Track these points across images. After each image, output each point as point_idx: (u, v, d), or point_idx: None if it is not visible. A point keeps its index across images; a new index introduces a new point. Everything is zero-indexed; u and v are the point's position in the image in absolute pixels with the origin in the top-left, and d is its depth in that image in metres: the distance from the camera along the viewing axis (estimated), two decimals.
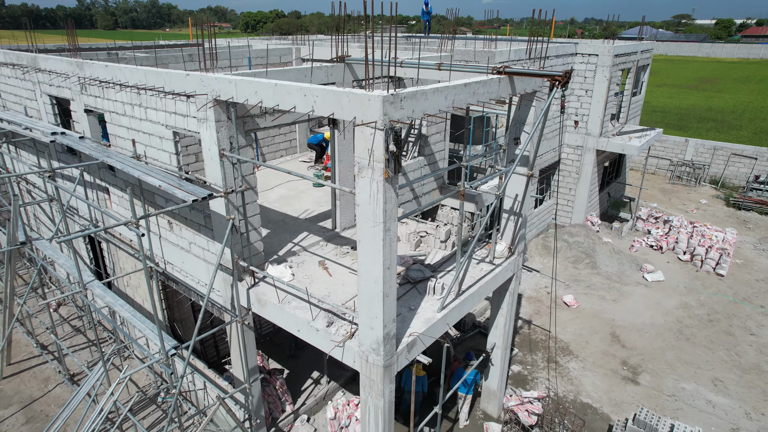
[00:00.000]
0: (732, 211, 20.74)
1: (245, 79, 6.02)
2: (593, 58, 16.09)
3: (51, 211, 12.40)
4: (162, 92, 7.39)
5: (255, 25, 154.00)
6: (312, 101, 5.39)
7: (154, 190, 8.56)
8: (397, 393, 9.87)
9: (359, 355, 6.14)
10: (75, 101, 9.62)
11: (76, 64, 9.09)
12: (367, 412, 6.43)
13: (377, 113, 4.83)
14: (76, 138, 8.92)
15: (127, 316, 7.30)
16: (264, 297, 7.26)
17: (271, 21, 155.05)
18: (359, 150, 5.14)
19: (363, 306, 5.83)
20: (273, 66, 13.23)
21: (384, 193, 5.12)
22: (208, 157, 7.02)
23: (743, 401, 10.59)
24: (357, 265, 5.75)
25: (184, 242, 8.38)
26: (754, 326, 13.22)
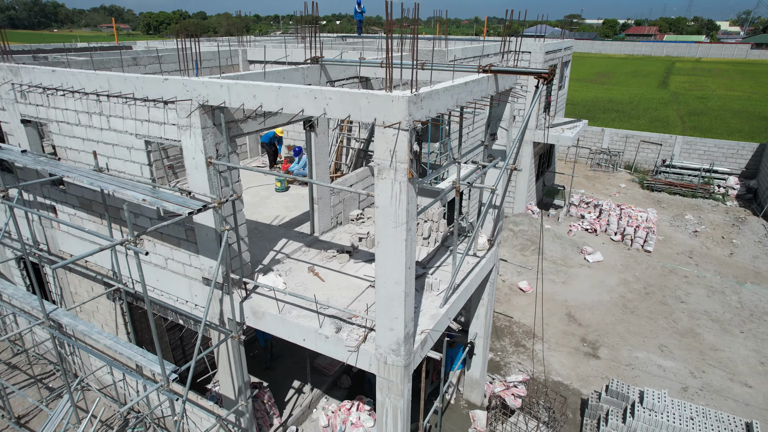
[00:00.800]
0: (647, 193, 22.91)
1: (241, 83, 5.75)
2: (526, 55, 17.04)
3: None
4: (131, 99, 6.84)
5: (158, 27, 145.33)
6: (324, 104, 5.26)
7: (118, 205, 7.89)
8: None
9: (376, 357, 6.10)
10: (7, 111, 8.61)
11: (9, 70, 8.13)
12: (384, 414, 6.40)
13: (402, 114, 4.83)
14: (17, 152, 7.98)
15: (109, 343, 6.68)
16: (260, 309, 6.97)
17: (175, 22, 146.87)
18: (379, 151, 5.11)
19: (382, 307, 5.80)
20: (219, 68, 12.64)
21: (407, 193, 5.13)
22: (191, 165, 6.60)
23: (686, 362, 11.80)
24: (375, 268, 5.70)
25: (159, 259, 7.82)
26: (682, 295, 14.74)
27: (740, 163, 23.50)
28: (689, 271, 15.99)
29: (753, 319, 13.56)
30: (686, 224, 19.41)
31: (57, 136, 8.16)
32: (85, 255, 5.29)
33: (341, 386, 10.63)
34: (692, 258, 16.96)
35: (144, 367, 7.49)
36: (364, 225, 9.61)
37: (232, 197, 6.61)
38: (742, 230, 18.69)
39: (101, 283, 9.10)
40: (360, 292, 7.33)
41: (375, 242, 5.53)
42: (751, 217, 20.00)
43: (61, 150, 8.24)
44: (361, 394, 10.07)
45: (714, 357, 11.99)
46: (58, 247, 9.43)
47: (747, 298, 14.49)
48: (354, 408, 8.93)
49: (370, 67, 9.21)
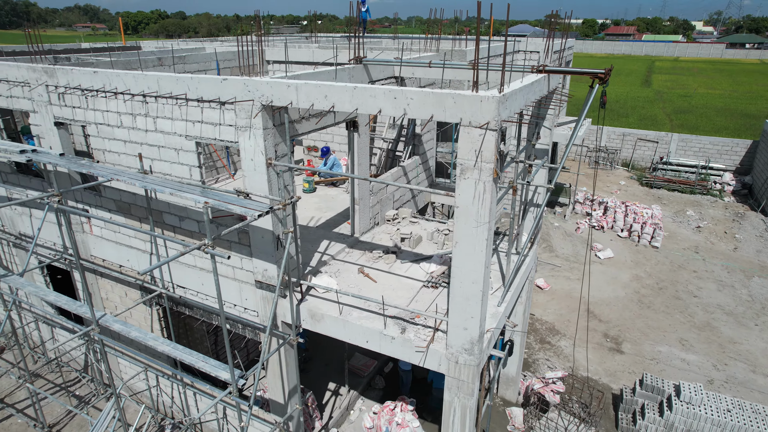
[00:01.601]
0: (647, 190, 23.35)
1: (311, 83, 5.67)
2: (534, 54, 17.19)
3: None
4: (183, 99, 6.70)
5: (136, 27, 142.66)
6: (404, 104, 5.23)
7: (161, 209, 7.73)
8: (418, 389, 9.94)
9: (447, 357, 6.09)
10: (38, 113, 8.36)
11: (43, 71, 7.89)
12: (451, 414, 6.39)
13: (491, 114, 4.83)
14: (54, 155, 7.74)
15: (168, 350, 6.53)
16: (319, 311, 6.89)
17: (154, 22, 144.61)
18: (463, 151, 5.10)
19: (456, 307, 5.79)
20: (238, 69, 12.46)
21: (491, 193, 5.14)
22: (250, 167, 6.50)
23: (708, 356, 12.06)
24: (452, 267, 5.68)
25: (206, 262, 7.67)
26: (694, 289, 15.06)
27: (734, 160, 24.11)
28: (698, 266, 16.34)
29: (765, 312, 13.92)
30: (688, 220, 19.83)
31: (95, 139, 7.95)
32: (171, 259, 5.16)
33: (375, 387, 10.59)
34: (698, 253, 17.33)
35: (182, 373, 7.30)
36: (400, 225, 9.58)
37: (293, 199, 6.52)
38: (742, 225, 19.18)
39: (137, 288, 8.89)
40: (415, 292, 7.31)
41: (453, 242, 5.52)
42: (750, 212, 20.54)
43: (99, 152, 8.03)
44: (396, 394, 10.05)
45: (734, 350, 12.27)
46: (89, 252, 9.19)
47: (756, 292, 14.87)
48: (398, 408, 8.90)
49: (408, 67, 9.19)
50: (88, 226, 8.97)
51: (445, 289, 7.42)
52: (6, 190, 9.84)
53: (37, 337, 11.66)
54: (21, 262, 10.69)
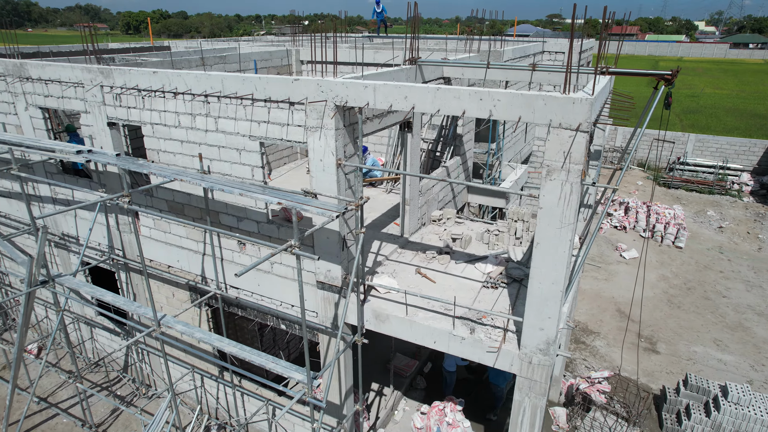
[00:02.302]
0: (664, 190, 23.38)
1: (391, 84, 5.68)
2: (560, 55, 17.20)
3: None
4: (249, 100, 6.70)
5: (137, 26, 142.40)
6: (490, 105, 5.24)
7: (218, 209, 7.73)
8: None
9: (520, 358, 6.10)
10: (91, 114, 8.35)
11: (99, 72, 7.88)
12: (521, 414, 6.40)
13: (583, 116, 4.84)
14: (111, 155, 7.73)
15: (235, 351, 6.53)
16: (384, 312, 6.89)
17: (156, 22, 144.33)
18: (551, 153, 5.11)
19: (533, 308, 5.80)
20: (275, 69, 12.47)
21: (578, 194, 5.14)
22: (318, 168, 6.50)
23: (744, 356, 12.08)
24: (531, 268, 5.69)
25: (264, 264, 7.66)
26: (722, 289, 15.08)
27: (752, 160, 24.16)
28: (724, 267, 16.37)
29: None
30: (709, 220, 19.86)
31: (150, 139, 7.94)
32: (261, 261, 5.16)
33: (417, 387, 10.60)
34: (723, 253, 17.36)
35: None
36: (445, 225, 9.58)
37: (363, 200, 6.52)
38: (764, 225, 19.22)
39: (186, 288, 8.89)
40: (475, 292, 7.32)
41: (534, 243, 5.53)
42: None
43: (153, 153, 8.02)
44: (436, 395, 10.08)
45: None
46: (136, 252, 9.17)
47: None
48: (447, 409, 8.90)
49: (455, 68, 9.19)
50: (138, 225, 8.95)
51: (504, 289, 7.43)
52: (51, 189, 9.82)
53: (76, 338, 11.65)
54: (62, 262, 10.68)
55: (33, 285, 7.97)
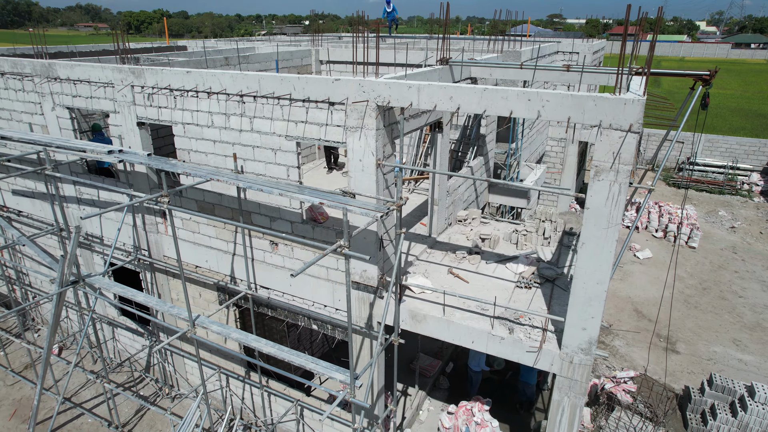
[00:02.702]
0: (674, 190, 23.41)
1: (435, 84, 5.68)
2: (574, 55, 17.22)
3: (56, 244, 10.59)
4: (287, 99, 6.70)
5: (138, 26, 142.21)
6: (538, 106, 5.25)
7: (252, 209, 7.73)
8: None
9: (561, 357, 6.11)
10: (120, 114, 8.35)
11: (130, 72, 7.88)
12: (559, 413, 6.41)
13: (634, 116, 4.85)
14: (143, 155, 7.73)
15: (273, 351, 6.53)
16: (421, 312, 6.90)
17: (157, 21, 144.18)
18: (600, 153, 5.12)
19: (576, 307, 5.81)
20: (295, 68, 12.47)
21: (625, 194, 5.15)
22: (357, 168, 6.51)
23: (764, 356, 12.09)
24: (576, 267, 5.70)
25: (296, 263, 7.67)
26: (738, 290, 15.10)
27: (762, 160, 24.19)
28: (739, 267, 16.39)
29: None
30: (721, 220, 19.89)
31: (180, 139, 7.94)
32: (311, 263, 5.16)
33: (441, 387, 10.61)
34: (737, 254, 17.38)
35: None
36: (471, 225, 9.59)
37: (403, 201, 6.52)
38: None
39: (214, 288, 8.89)
40: (509, 292, 7.33)
41: (579, 242, 5.53)
42: None
43: (183, 152, 8.02)
44: (461, 394, 10.09)
45: None
46: (162, 252, 9.18)
47: None
48: (475, 408, 8.91)
49: (484, 68, 9.20)
50: (163, 227, 8.96)
51: (538, 289, 7.44)
52: (75, 189, 9.82)
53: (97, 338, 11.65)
54: (84, 262, 10.67)
55: (64, 285, 7.97)
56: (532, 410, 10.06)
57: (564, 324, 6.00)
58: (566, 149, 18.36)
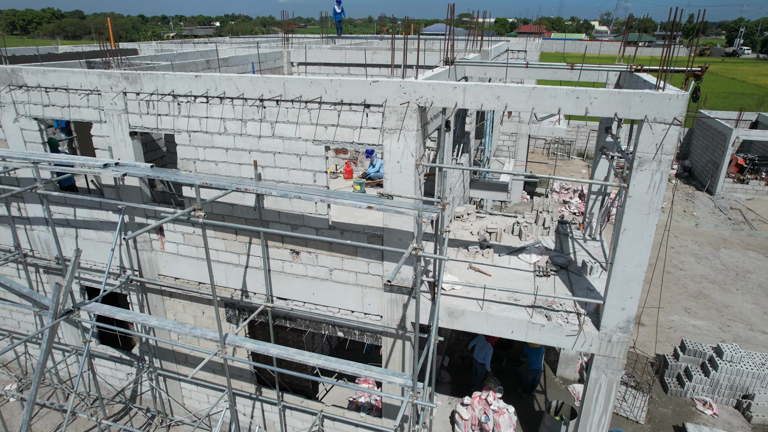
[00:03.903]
0: None
1: (482, 85, 5.83)
2: (521, 53, 18.18)
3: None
4: (316, 103, 6.53)
5: (25, 27, 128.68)
6: (586, 103, 5.56)
7: (271, 218, 7.43)
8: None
9: (599, 338, 6.51)
10: (108, 123, 7.67)
11: (123, 77, 7.27)
12: (596, 390, 6.83)
13: (678, 110, 5.30)
14: (145, 167, 7.16)
15: (321, 363, 6.33)
16: (458, 308, 7.02)
17: (47, 21, 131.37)
18: (644, 145, 5.53)
19: (616, 289, 6.22)
20: (269, 70, 12.06)
21: (666, 182, 5.62)
22: (394, 169, 6.50)
23: (711, 320, 13.58)
24: (616, 252, 6.09)
25: (321, 271, 7.49)
26: (678, 263, 16.78)
27: None
28: (673, 243, 18.21)
29: (740, 278, 15.88)
30: None
31: (185, 148, 7.45)
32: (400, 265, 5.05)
33: (443, 381, 10.82)
34: (668, 231, 19.27)
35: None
36: (469, 220, 9.87)
37: (448, 199, 6.60)
38: (695, 204, 21.58)
39: (220, 305, 8.42)
40: (531, 282, 7.67)
41: (621, 229, 5.94)
42: (697, 192, 23.13)
43: (188, 162, 7.53)
44: (463, 387, 10.41)
45: (729, 313, 13.91)
46: (157, 271, 8.54)
47: (727, 261, 16.90)
48: (489, 397, 9.21)
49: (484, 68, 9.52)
50: (158, 244, 8.34)
51: (555, 276, 7.85)
52: (44, 210, 8.83)
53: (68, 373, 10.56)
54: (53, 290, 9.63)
55: (58, 316, 7.17)
56: (533, 393, 10.57)
57: (593, 306, 6.41)
58: (517, 143, 19.32)
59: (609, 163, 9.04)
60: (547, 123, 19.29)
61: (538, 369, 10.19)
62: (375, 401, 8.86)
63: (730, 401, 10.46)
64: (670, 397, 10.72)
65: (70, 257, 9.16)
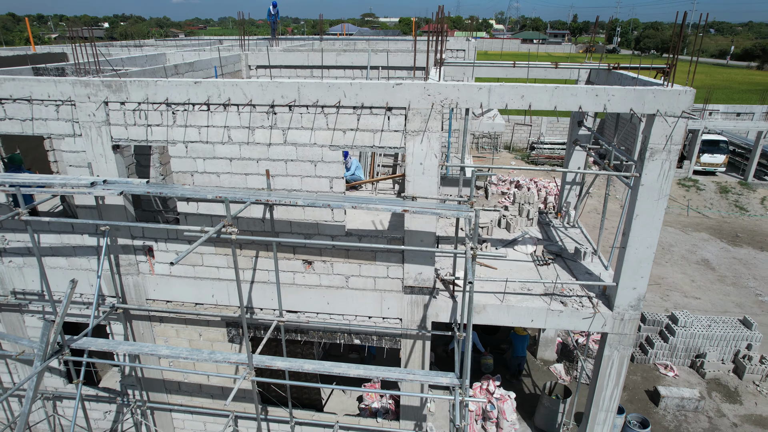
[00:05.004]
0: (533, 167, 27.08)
1: (507, 85, 6.02)
2: (461, 52, 18.82)
3: None
4: (334, 107, 6.36)
5: None
6: (605, 100, 5.94)
7: (282, 228, 7.11)
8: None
9: (613, 317, 7.01)
10: (85, 137, 6.90)
11: (104, 86, 6.58)
12: (609, 367, 7.34)
13: (686, 104, 5.85)
14: (140, 183, 6.54)
15: (361, 373, 6.19)
16: (479, 303, 7.20)
17: None
18: (655, 137, 6.03)
19: (628, 271, 6.74)
20: (230, 74, 11.42)
21: (673, 170, 6.18)
22: (417, 171, 6.52)
23: (653, 291, 15.05)
24: (630, 238, 6.57)
25: (336, 279, 7.31)
26: None
27: None
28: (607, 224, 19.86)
29: (666, 252, 17.74)
30: None
31: (181, 160, 6.91)
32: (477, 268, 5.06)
33: None
34: (599, 213, 21.00)
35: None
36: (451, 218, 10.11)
37: (475, 197, 6.71)
38: (616, 188, 23.70)
39: (220, 325, 7.92)
40: (535, 271, 8.05)
41: (633, 215, 6.44)
42: None
43: (184, 176, 7.00)
44: None
45: (666, 284, 15.51)
46: (145, 296, 7.84)
47: None
48: (490, 386, 9.53)
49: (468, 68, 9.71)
50: (147, 266, 7.65)
51: (554, 263, 8.30)
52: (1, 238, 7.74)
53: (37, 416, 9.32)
54: (6, 328, 8.47)
55: (47, 358, 6.32)
56: (520, 377, 11.08)
57: (599, 288, 6.90)
58: (464, 139, 19.98)
59: (586, 154, 9.69)
60: (486, 119, 20.17)
61: (522, 356, 10.71)
62: (389, 404, 8.81)
63: (685, 362, 11.70)
64: (637, 365, 11.76)
65: (31, 290, 8.12)
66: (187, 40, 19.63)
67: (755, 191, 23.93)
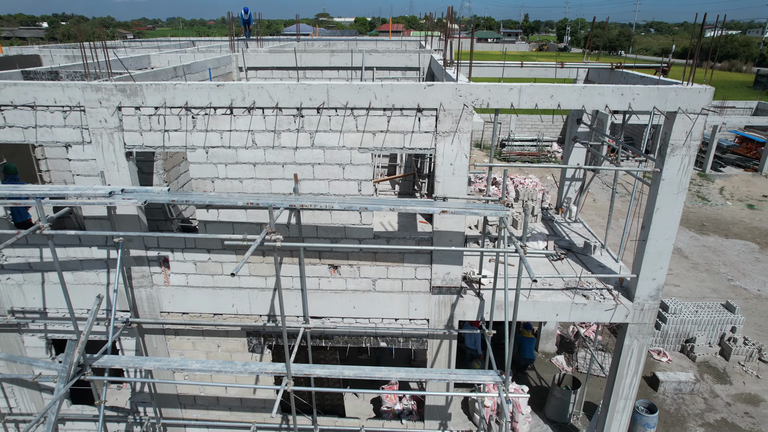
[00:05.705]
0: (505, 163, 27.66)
1: (536, 85, 6.13)
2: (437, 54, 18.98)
3: None
4: (363, 109, 6.30)
5: None
6: (630, 99, 6.15)
7: (308, 233, 6.97)
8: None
9: (634, 307, 7.26)
10: (96, 144, 6.56)
11: (117, 90, 6.29)
12: (629, 356, 7.59)
13: (706, 101, 6.13)
14: (162, 191, 6.27)
15: (403, 376, 6.16)
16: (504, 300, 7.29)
17: None
18: (676, 134, 6.28)
19: (648, 262, 6.99)
20: (222, 76, 11.09)
21: (692, 164, 6.46)
22: (447, 172, 6.57)
23: None
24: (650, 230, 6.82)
25: (363, 283, 7.24)
26: None
27: (556, 132, 30.25)
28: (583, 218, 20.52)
29: None
30: (551, 183, 24.42)
31: (200, 166, 6.69)
32: None
33: None
34: (594, 210, 21.69)
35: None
36: None
37: (508, 198, 6.78)
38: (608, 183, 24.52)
39: (241, 335, 7.70)
40: (550, 266, 8.24)
41: (654, 208, 6.69)
42: None
43: (203, 182, 6.77)
44: None
45: None
46: (159, 309, 7.52)
47: None
48: None
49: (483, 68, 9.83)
50: (161, 277, 7.35)
51: (566, 258, 8.52)
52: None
53: None
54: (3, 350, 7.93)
55: (71, 378, 5.96)
56: (525, 371, 11.32)
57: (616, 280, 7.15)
58: None
59: (587, 150, 9.98)
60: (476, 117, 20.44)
61: (531, 358, 10.95)
62: (412, 405, 8.80)
63: (676, 347, 12.26)
64: None
65: (31, 307, 7.63)
66: (156, 41, 18.91)
67: (713, 182, 25.33)
